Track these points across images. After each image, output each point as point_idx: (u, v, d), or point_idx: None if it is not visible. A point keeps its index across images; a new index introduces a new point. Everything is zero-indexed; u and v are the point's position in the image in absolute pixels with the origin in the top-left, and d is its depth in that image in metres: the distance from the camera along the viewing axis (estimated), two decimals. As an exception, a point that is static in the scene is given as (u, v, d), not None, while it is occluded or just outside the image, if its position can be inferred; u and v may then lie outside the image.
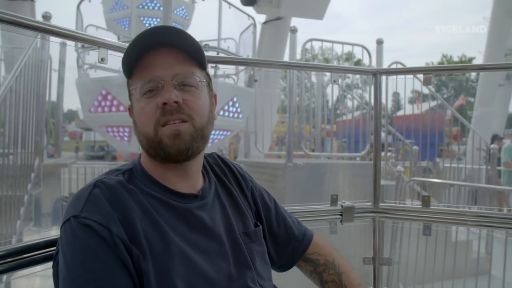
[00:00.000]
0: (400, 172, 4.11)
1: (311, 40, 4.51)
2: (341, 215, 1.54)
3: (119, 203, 0.80)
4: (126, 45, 1.19)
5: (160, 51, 0.88)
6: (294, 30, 4.19)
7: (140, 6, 4.99)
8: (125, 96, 0.93)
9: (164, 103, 0.84)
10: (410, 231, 3.31)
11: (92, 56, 4.59)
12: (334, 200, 1.54)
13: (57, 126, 4.72)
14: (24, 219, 2.68)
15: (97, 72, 4.71)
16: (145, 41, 0.86)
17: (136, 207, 0.81)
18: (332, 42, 4.73)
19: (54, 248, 0.92)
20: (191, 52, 0.90)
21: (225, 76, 5.17)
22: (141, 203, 0.82)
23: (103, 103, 4.13)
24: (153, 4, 5.30)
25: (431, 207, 1.56)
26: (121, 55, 1.19)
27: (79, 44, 4.27)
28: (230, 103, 4.54)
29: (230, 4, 4.77)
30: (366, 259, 1.59)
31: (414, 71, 1.52)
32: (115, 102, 4.06)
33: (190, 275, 0.80)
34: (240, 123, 4.83)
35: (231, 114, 4.59)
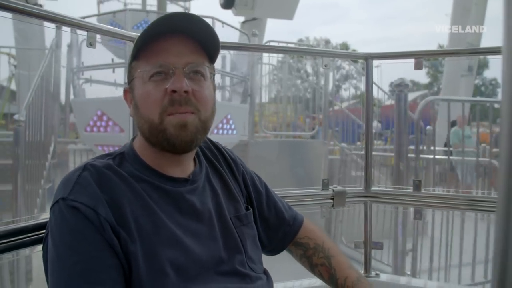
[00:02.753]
0: (344, 148, 4.98)
1: (269, 41, 4.85)
2: (332, 199, 1.55)
3: (108, 186, 0.80)
4: (115, 29, 1.20)
5: (174, 37, 0.86)
6: (254, 34, 4.41)
7: (135, 27, 5.08)
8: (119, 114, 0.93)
9: (174, 91, 0.83)
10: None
11: (86, 74, 4.78)
12: (325, 185, 1.55)
13: (64, 120, 5.24)
14: (45, 181, 3.63)
15: (92, 86, 4.86)
16: (159, 25, 0.84)
17: (126, 190, 0.81)
18: (288, 42, 5.18)
19: (43, 231, 0.92)
20: (205, 43, 0.89)
21: (220, 88, 5.36)
22: (131, 186, 0.83)
23: (98, 123, 4.30)
24: (147, 25, 5.33)
25: (422, 191, 1.56)
26: (109, 38, 1.20)
27: (74, 64, 4.61)
28: (224, 121, 4.75)
29: (223, 22, 4.97)
30: (357, 243, 1.60)
31: (405, 55, 1.51)
32: (110, 123, 4.22)
33: (180, 257, 0.81)
34: (234, 138, 5.14)
35: (225, 131, 4.85)
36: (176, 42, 0.86)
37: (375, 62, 1.58)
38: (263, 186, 1.10)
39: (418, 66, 1.48)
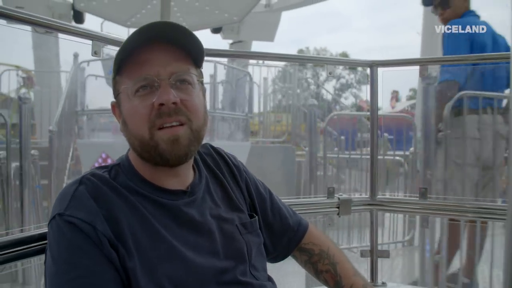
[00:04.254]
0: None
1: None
2: (338, 207, 1.54)
3: (104, 200, 0.79)
4: (120, 37, 1.20)
5: (155, 47, 0.83)
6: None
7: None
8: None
9: (161, 104, 0.80)
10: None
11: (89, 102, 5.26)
12: (331, 193, 1.54)
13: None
14: (67, 177, 4.52)
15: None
16: (139, 36, 0.82)
17: (122, 204, 0.80)
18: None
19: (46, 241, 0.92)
20: (188, 49, 0.86)
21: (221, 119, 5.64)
22: (127, 200, 0.82)
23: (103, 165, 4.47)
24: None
25: (428, 199, 1.55)
26: (116, 48, 1.20)
27: (78, 106, 5.09)
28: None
29: (225, 65, 5.53)
30: (363, 251, 1.58)
31: (411, 62, 1.51)
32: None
33: (179, 271, 0.80)
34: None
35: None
36: (158, 51, 0.84)
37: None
38: (267, 192, 1.09)
39: (423, 74, 1.47)
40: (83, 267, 0.73)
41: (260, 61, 7.13)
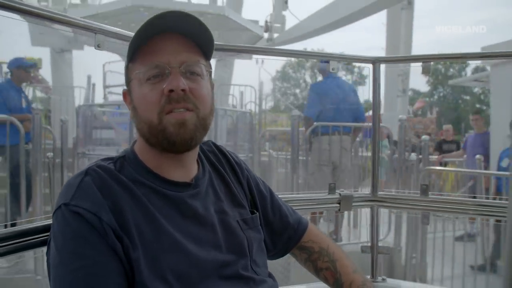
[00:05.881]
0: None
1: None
2: (339, 203, 1.54)
3: (110, 191, 0.80)
4: (123, 31, 1.20)
5: (168, 37, 0.86)
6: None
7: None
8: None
9: (171, 90, 0.82)
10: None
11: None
12: (332, 189, 1.54)
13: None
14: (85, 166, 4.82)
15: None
16: (152, 25, 0.84)
17: (127, 196, 0.81)
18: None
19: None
20: (198, 40, 0.89)
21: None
22: (132, 192, 0.82)
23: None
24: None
25: (430, 196, 1.55)
26: (119, 41, 1.20)
27: (79, 148, 5.60)
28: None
29: (226, 109, 6.46)
30: (364, 248, 1.59)
31: (413, 59, 1.51)
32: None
33: (182, 264, 0.80)
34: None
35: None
36: (170, 41, 0.86)
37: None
38: (268, 190, 1.10)
39: (425, 71, 1.46)
40: (88, 257, 0.74)
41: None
